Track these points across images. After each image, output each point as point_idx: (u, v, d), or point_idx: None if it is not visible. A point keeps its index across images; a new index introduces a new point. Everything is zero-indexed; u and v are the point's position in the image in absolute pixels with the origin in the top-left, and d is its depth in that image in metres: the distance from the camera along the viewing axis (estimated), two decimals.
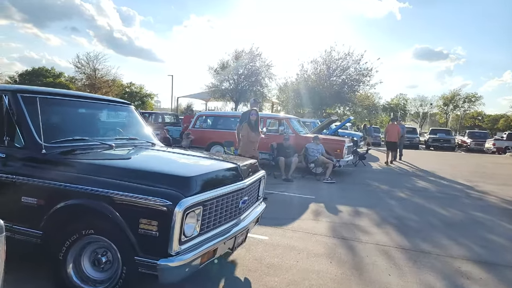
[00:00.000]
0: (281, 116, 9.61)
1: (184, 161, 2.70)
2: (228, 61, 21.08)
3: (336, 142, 8.75)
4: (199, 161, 2.72)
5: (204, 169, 2.32)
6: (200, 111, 15.76)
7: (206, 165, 2.58)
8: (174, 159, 2.71)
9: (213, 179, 2.31)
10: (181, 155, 2.86)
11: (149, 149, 2.96)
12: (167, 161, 2.62)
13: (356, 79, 18.62)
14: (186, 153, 2.98)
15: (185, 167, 2.39)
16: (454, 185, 8.22)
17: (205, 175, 2.23)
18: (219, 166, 2.52)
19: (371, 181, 8.31)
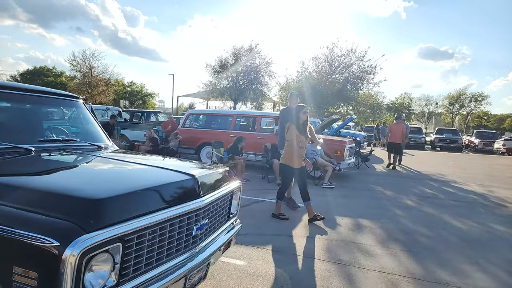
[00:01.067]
0: (277, 114, 8.91)
1: (114, 173, 1.99)
2: (226, 58, 20.38)
3: (336, 143, 8.02)
4: (138, 173, 2.01)
5: (133, 186, 1.61)
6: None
7: (144, 178, 1.87)
8: (101, 171, 2.01)
9: (146, 200, 1.61)
10: (122, 163, 2.17)
11: (82, 155, 2.27)
12: (88, 173, 1.92)
13: (359, 76, 17.83)
14: (133, 161, 2.28)
15: (104, 183, 1.67)
16: (467, 191, 7.47)
17: (128, 195, 1.53)
18: (162, 180, 1.82)
19: (374, 186, 7.57)
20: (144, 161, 2.37)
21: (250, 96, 20.33)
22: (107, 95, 26.35)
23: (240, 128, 8.90)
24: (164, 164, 2.30)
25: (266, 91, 20.88)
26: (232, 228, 2.56)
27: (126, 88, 54.36)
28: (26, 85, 2.57)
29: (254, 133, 8.64)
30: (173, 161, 2.66)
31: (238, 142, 7.15)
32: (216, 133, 8.79)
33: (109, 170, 2.04)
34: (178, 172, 1.98)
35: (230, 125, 8.87)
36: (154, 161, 2.46)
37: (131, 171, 2.04)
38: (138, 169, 2.09)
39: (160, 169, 2.04)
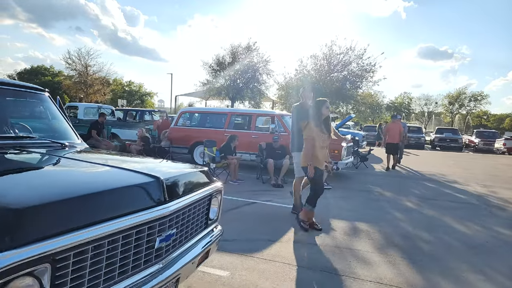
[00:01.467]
0: (272, 112, 8.63)
1: (61, 176, 1.69)
2: (223, 57, 20.08)
3: (333, 142, 7.72)
4: (91, 176, 1.72)
5: (75, 191, 1.33)
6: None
7: (95, 181, 1.58)
8: (46, 173, 1.70)
9: (91, 208, 1.33)
10: (78, 163, 1.89)
11: (34, 154, 1.98)
12: (28, 176, 1.62)
13: (359, 74, 17.53)
14: (93, 161, 1.99)
15: (38, 188, 1.37)
16: (468, 192, 7.19)
17: (65, 203, 1.24)
18: (118, 183, 1.54)
19: (373, 186, 7.29)
20: (107, 161, 2.08)
21: (248, 95, 20.03)
22: (103, 94, 26.02)
23: (235, 126, 8.62)
24: (129, 164, 2.02)
25: (264, 90, 20.59)
26: (210, 236, 2.28)
27: (124, 88, 54.08)
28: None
29: (249, 132, 8.36)
30: (143, 161, 2.37)
31: (231, 141, 6.87)
32: (210, 132, 8.51)
33: (56, 172, 1.76)
34: (141, 173, 1.70)
35: (224, 123, 8.59)
36: (119, 161, 2.17)
37: (84, 174, 1.76)
38: (93, 171, 1.80)
39: (121, 170, 1.76)
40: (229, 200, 5.24)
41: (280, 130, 8.08)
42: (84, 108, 10.50)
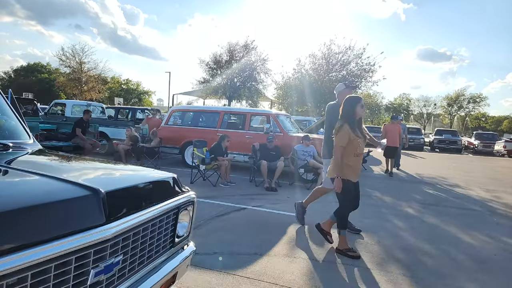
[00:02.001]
0: (267, 112, 8.25)
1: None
2: (221, 55, 19.70)
3: None
4: (7, 188, 1.35)
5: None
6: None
7: (7, 196, 1.20)
8: None
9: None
10: (8, 170, 1.51)
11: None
12: None
13: (358, 74, 17.18)
14: (27, 168, 1.61)
15: None
16: (471, 196, 6.85)
17: None
18: (33, 200, 1.16)
19: (371, 190, 6.93)
20: (44, 167, 1.71)
21: (245, 94, 19.65)
22: (98, 92, 25.56)
23: (228, 126, 8.25)
24: (69, 173, 1.64)
25: (262, 89, 20.22)
26: (178, 257, 1.90)
27: (122, 86, 53.63)
28: None
29: (243, 132, 7.99)
30: (96, 166, 1.98)
31: (221, 141, 6.50)
32: (202, 131, 8.14)
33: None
34: (76, 184, 1.32)
35: (217, 123, 8.22)
36: (60, 168, 1.80)
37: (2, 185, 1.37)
38: (12, 181, 1.42)
39: (51, 180, 1.38)
40: (216, 206, 4.87)
41: (275, 130, 7.72)
42: (72, 105, 10.09)
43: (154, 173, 2.00)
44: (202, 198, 5.24)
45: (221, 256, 3.08)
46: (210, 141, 7.11)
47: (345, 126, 3.20)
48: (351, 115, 3.27)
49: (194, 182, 6.38)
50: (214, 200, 5.17)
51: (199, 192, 5.49)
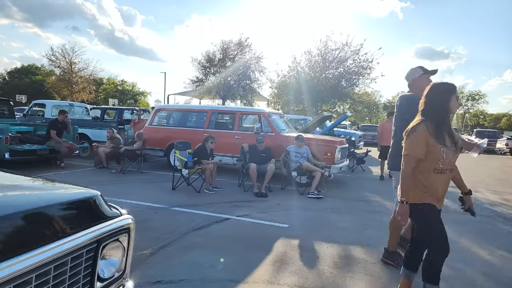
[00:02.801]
0: (258, 110, 7.69)
1: None
2: (214, 53, 19.11)
3: (326, 144, 6.82)
4: None
5: None
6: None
7: None
8: None
9: None
10: None
11: None
12: None
13: (355, 71, 16.63)
14: None
15: None
16: (479, 200, 6.31)
17: None
18: None
19: (371, 194, 6.38)
20: None
21: (239, 93, 19.08)
22: (89, 93, 24.90)
23: (216, 126, 7.68)
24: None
25: (257, 88, 19.65)
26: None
27: (117, 87, 52.99)
28: None
29: (232, 132, 7.42)
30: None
31: (205, 142, 5.93)
32: (188, 132, 7.57)
33: None
34: None
35: (204, 123, 7.65)
36: None
37: None
38: None
39: None
40: (195, 216, 4.30)
41: (266, 130, 7.16)
42: (52, 106, 9.50)
43: (64, 190, 1.43)
44: (181, 207, 4.68)
45: (189, 285, 2.52)
46: (196, 142, 6.53)
47: (422, 127, 2.12)
48: (439, 111, 2.15)
49: (176, 187, 5.81)
50: (194, 209, 4.61)
51: (179, 199, 4.92)
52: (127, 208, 1.58)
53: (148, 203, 4.78)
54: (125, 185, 6.09)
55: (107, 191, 5.67)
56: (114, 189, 5.69)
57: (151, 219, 4.09)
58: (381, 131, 8.06)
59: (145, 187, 5.98)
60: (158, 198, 5.08)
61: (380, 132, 8.10)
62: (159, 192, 5.62)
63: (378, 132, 8.24)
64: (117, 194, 5.19)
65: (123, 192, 5.43)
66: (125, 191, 5.55)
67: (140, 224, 3.79)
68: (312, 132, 10.89)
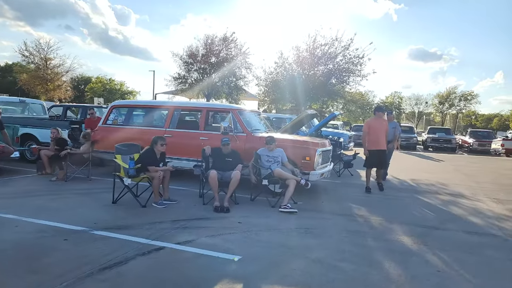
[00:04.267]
0: (227, 106, 6.62)
1: None
2: (197, 48, 17.97)
3: (303, 146, 5.81)
4: None
5: None
6: None
7: None
8: None
9: None
10: None
11: None
12: None
13: (345, 68, 15.65)
14: None
15: None
16: (482, 211, 5.37)
17: None
18: None
19: (356, 206, 5.38)
20: None
21: (224, 90, 17.98)
22: (66, 90, 23.49)
23: (179, 125, 6.62)
24: None
25: (243, 85, 18.57)
26: None
27: (105, 86, 51.49)
28: None
29: (197, 132, 6.37)
30: None
31: (153, 145, 4.86)
32: (147, 132, 6.50)
33: None
34: None
35: (165, 121, 6.60)
36: None
37: None
38: None
39: None
40: (119, 243, 3.24)
41: (236, 130, 6.13)
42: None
43: None
44: (107, 230, 3.61)
45: None
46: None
47: None
48: None
49: (119, 200, 4.74)
50: (122, 234, 3.55)
51: (112, 218, 3.70)
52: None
53: (65, 224, 3.70)
54: (56, 197, 5.00)
55: (24, 206, 4.47)
56: (37, 203, 4.60)
57: (52, 250, 3.03)
58: (367, 131, 6.42)
59: (79, 200, 4.90)
60: (84, 217, 4.00)
61: (366, 131, 6.45)
62: (93, 207, 4.55)
63: (364, 132, 6.54)
64: (32, 211, 4.13)
65: (44, 207, 4.36)
66: (49, 205, 4.47)
67: (30, 259, 2.72)
68: (296, 132, 9.90)
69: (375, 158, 6.42)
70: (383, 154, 6.53)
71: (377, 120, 6.57)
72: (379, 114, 6.71)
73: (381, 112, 6.75)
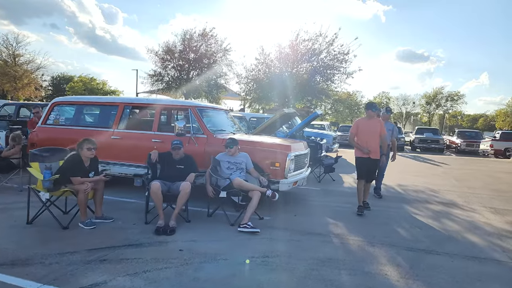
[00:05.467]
0: (185, 103, 5.66)
1: None
2: (174, 43, 16.93)
3: (272, 149, 4.92)
4: None
5: None
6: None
7: None
8: None
9: None
10: None
11: None
12: None
13: (330, 65, 14.87)
14: None
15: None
16: (479, 225, 4.61)
17: None
18: None
19: (333, 222, 4.52)
20: None
21: (203, 89, 16.99)
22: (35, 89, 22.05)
23: (129, 125, 5.65)
24: None
25: (224, 83, 17.61)
26: None
27: (86, 85, 49.77)
28: None
29: (149, 134, 5.42)
30: None
31: (79, 149, 3.89)
32: (92, 133, 5.49)
33: None
34: None
35: (114, 120, 5.62)
36: None
37: None
38: None
39: None
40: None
41: (195, 131, 5.20)
42: None
43: None
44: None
45: None
46: (103, 148, 4.51)
47: None
48: None
49: (35, 220, 3.77)
50: (7, 274, 2.59)
51: (11, 246, 2.44)
52: None
53: None
54: None
55: None
56: None
57: None
58: (356, 132, 5.10)
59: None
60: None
61: (354, 133, 5.12)
62: (0, 229, 3.57)
63: (351, 134, 5.19)
64: None
65: None
66: None
67: None
68: (274, 134, 9.02)
69: (364, 168, 5.04)
70: (372, 164, 5.03)
71: (368, 121, 5.09)
72: (370, 113, 5.05)
73: (372, 111, 5.06)
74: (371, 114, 5.10)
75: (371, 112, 5.09)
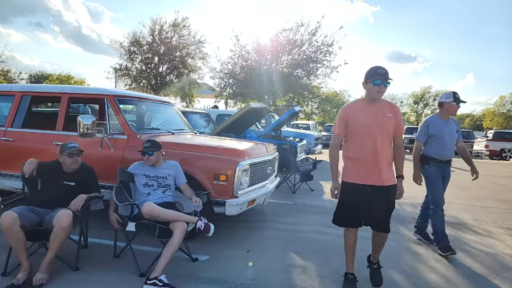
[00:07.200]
0: (100, 90, 4.08)
1: None
2: (142, 33, 15.26)
3: (215, 156, 3.45)
4: None
5: None
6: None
7: None
8: None
9: None
10: None
11: None
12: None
13: (313, 58, 13.51)
14: None
15: None
16: (502, 259, 3.25)
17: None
18: None
19: (304, 261, 3.08)
20: None
21: (175, 84, 15.38)
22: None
23: (28, 122, 4.10)
24: None
25: (197, 79, 16.06)
26: None
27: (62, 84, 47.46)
28: None
29: (51, 134, 3.87)
30: None
31: None
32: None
33: None
34: None
35: (7, 115, 4.08)
36: None
37: None
38: None
39: None
40: None
41: (112, 129, 3.69)
42: None
43: None
44: None
45: None
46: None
47: None
48: None
49: None
50: None
51: None
52: None
53: None
54: None
55: None
56: None
57: None
58: (343, 125, 2.75)
59: None
60: None
61: (342, 128, 2.77)
62: None
63: (335, 129, 2.85)
64: None
65: None
66: None
67: None
68: (244, 133, 7.58)
69: (352, 207, 2.70)
70: (382, 196, 2.62)
71: (368, 106, 2.66)
72: (370, 87, 2.65)
73: (377, 78, 2.61)
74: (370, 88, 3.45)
75: (371, 86, 3.45)
